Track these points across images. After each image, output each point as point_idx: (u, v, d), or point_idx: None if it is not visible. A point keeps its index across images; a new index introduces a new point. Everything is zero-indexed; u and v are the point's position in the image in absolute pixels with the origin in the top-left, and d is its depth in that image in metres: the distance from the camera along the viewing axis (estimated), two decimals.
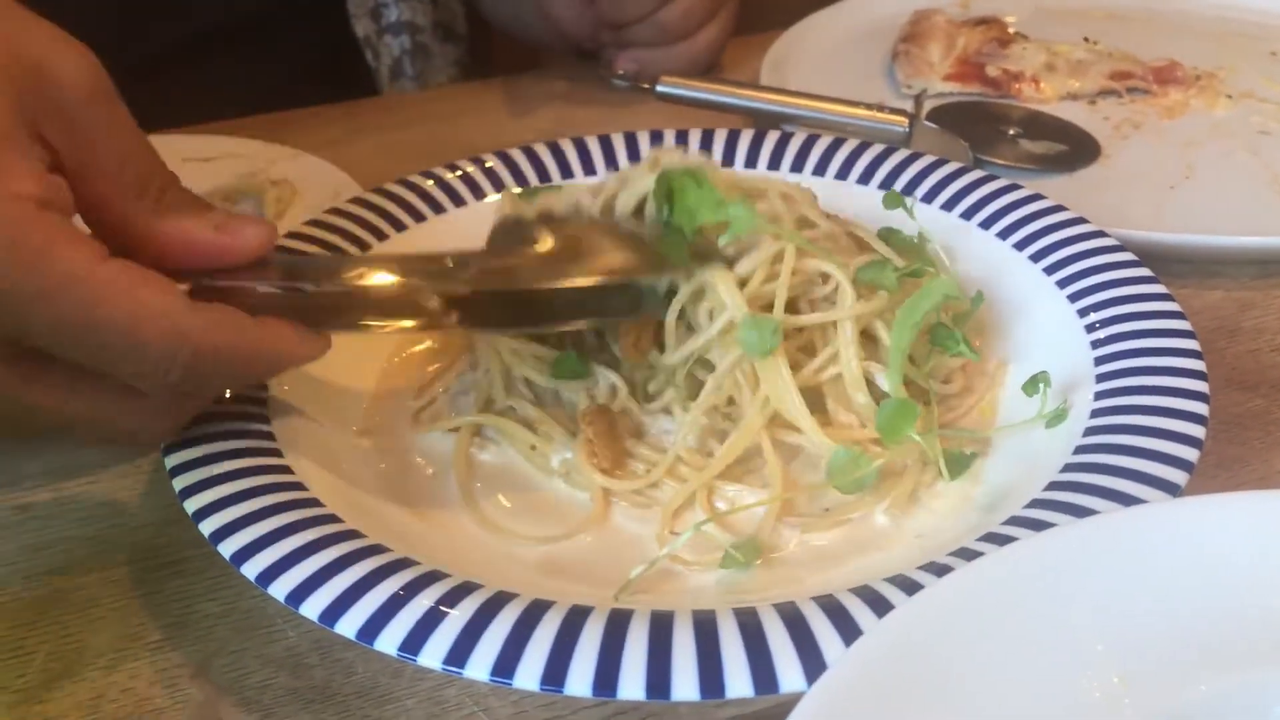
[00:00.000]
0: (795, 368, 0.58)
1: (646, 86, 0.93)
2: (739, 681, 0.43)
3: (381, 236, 0.71)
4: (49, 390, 0.51)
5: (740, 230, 0.58)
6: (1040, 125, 0.92)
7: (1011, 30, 1.07)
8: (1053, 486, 0.52)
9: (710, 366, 0.59)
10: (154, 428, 0.54)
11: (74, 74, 0.49)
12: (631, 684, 0.44)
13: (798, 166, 0.76)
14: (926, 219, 0.71)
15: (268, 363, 0.55)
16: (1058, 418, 0.57)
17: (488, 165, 0.77)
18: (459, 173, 0.76)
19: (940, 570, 0.47)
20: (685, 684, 0.43)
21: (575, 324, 0.60)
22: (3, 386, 0.50)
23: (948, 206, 0.71)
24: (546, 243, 0.60)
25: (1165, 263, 0.67)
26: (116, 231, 0.51)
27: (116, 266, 0.48)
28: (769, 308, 0.58)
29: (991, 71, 1.00)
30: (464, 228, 0.69)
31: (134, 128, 0.52)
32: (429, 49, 1.15)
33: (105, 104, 0.51)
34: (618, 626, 0.45)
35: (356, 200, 0.74)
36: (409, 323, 0.57)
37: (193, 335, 0.49)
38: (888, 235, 0.67)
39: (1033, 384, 0.59)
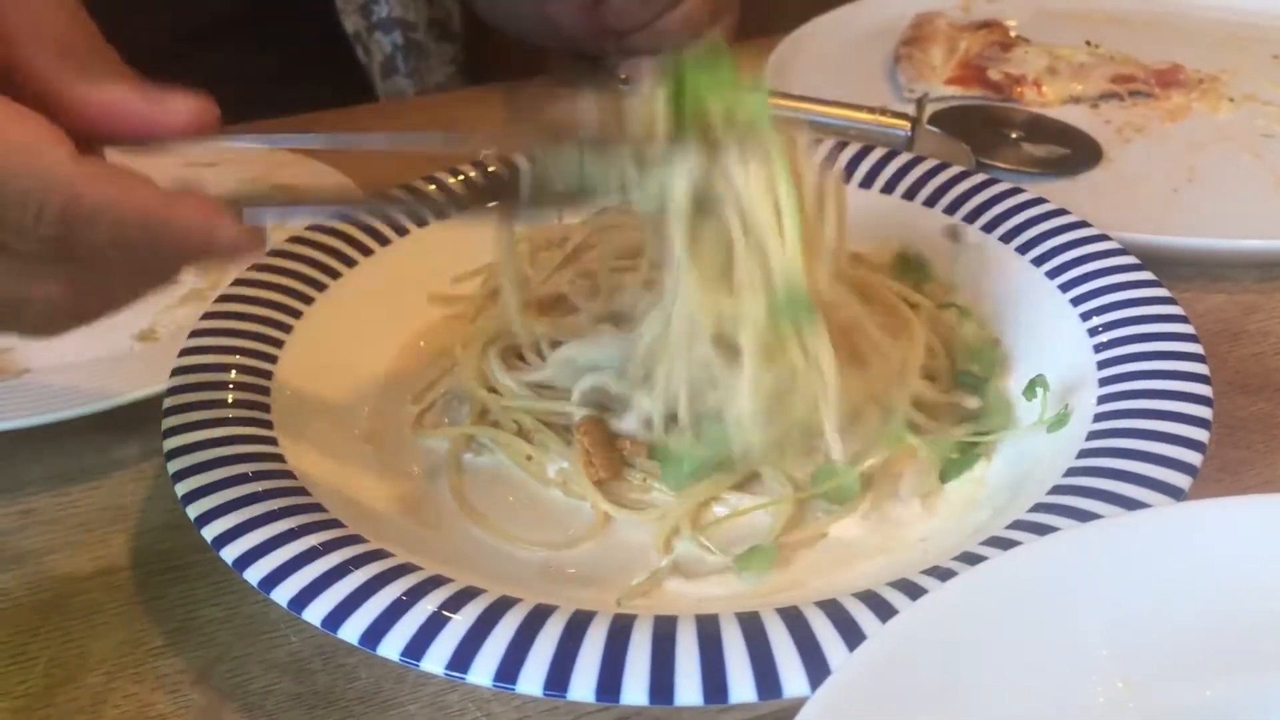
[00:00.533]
0: None
1: None
2: (743, 686, 0.43)
3: (384, 241, 0.71)
4: None
5: (752, 113, 0.54)
6: (1042, 129, 0.92)
7: (1013, 34, 1.07)
8: (1056, 490, 0.52)
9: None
10: (40, 298, 0.45)
11: None
12: (635, 689, 0.44)
13: None
14: (927, 223, 0.71)
15: (173, 238, 0.45)
16: (1059, 422, 0.56)
17: (490, 170, 0.76)
18: (461, 177, 0.76)
19: (944, 574, 0.47)
20: (689, 689, 0.43)
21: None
22: None
23: (950, 210, 0.71)
24: None
25: (1168, 266, 0.67)
26: (36, 96, 0.45)
27: None
28: None
29: (993, 75, 1.00)
30: (467, 232, 0.69)
31: None
32: (424, 47, 1.14)
33: None
34: (621, 631, 0.45)
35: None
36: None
37: (67, 180, 0.42)
38: (904, 266, 0.67)
39: (1031, 389, 0.59)
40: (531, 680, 0.44)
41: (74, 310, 0.47)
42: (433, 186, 0.74)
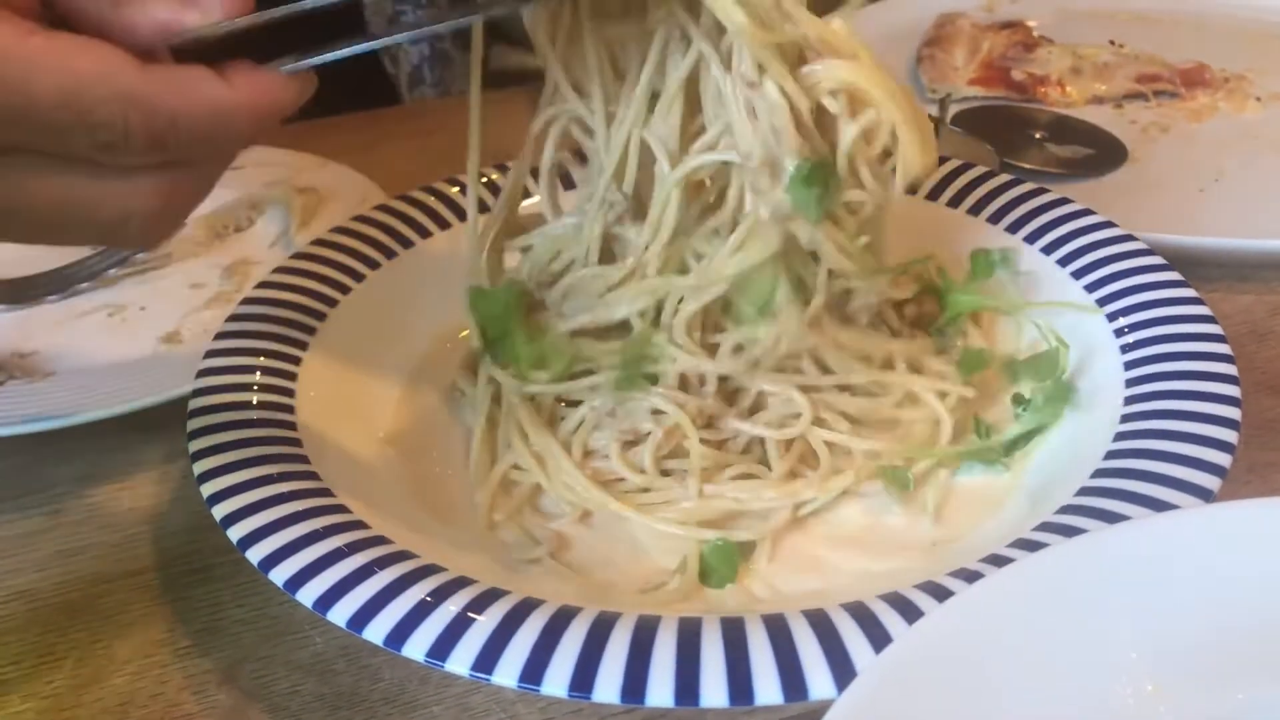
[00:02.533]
0: None
1: None
2: (768, 688, 0.43)
3: (407, 244, 0.71)
4: (30, 187, 0.46)
5: None
6: (1066, 129, 0.92)
7: (1036, 34, 1.06)
8: (1083, 492, 0.51)
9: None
10: (142, 210, 0.48)
11: None
12: (660, 690, 0.43)
13: None
14: (952, 224, 0.70)
15: (247, 117, 0.48)
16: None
17: None
18: (485, 180, 0.76)
19: (971, 576, 0.47)
20: (714, 690, 0.43)
21: None
22: None
23: (974, 211, 0.71)
24: None
25: (1195, 266, 0.66)
26: (90, 26, 0.47)
27: (44, 37, 0.44)
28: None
29: (1017, 75, 0.99)
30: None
31: None
32: (450, 56, 1.15)
33: None
34: (645, 633, 0.45)
35: (382, 207, 0.74)
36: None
37: (141, 95, 0.45)
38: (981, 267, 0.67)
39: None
40: (556, 682, 0.44)
41: (170, 213, 0.49)
42: (456, 189, 0.74)
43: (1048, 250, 0.67)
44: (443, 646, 0.45)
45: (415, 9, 1.11)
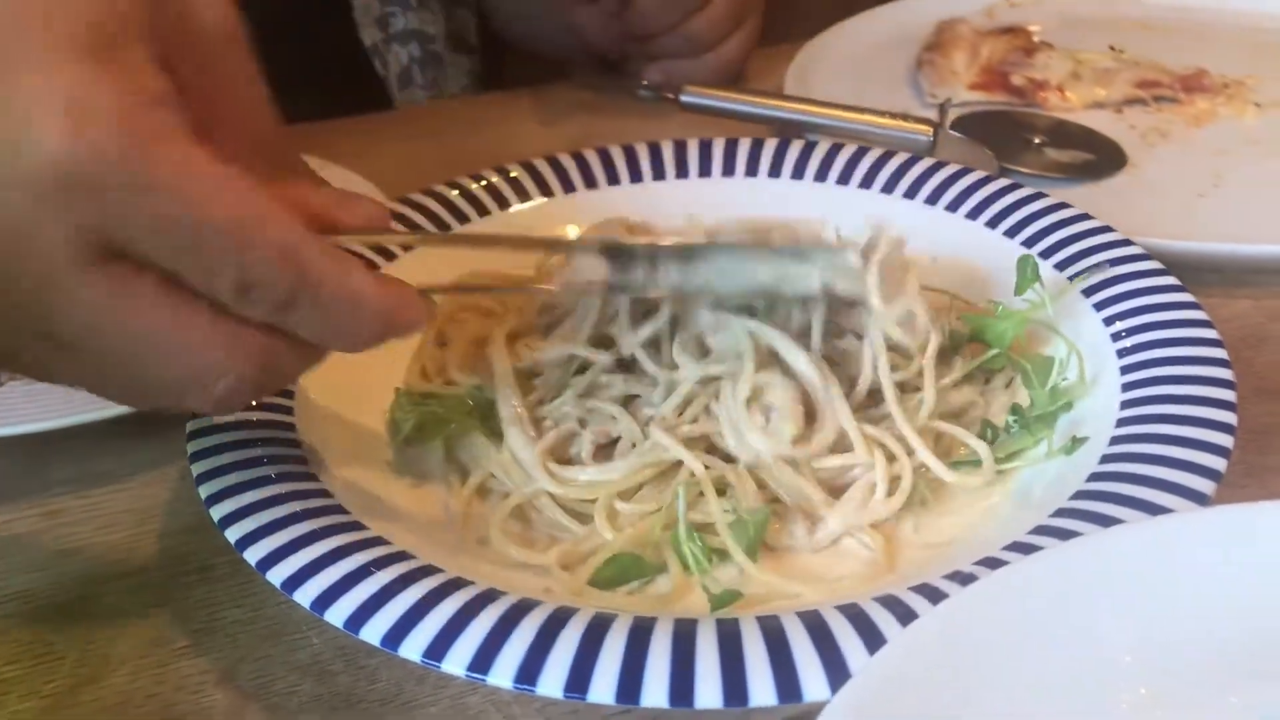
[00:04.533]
0: None
1: (671, 97, 0.93)
2: (763, 689, 0.43)
3: (406, 246, 0.71)
4: (141, 305, 0.43)
5: None
6: (1066, 134, 0.92)
7: (1036, 39, 1.06)
8: (1079, 495, 0.51)
9: None
10: (239, 368, 0.46)
11: (216, 14, 0.47)
12: (655, 692, 0.44)
13: (821, 176, 0.76)
14: (950, 227, 0.70)
15: (376, 314, 0.48)
16: (1075, 445, 0.56)
17: (512, 175, 0.77)
18: (484, 183, 0.76)
19: (965, 579, 0.47)
20: (709, 692, 0.43)
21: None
22: (91, 294, 0.43)
23: (973, 215, 0.71)
24: None
25: (1193, 271, 0.66)
26: None
27: (236, 168, 0.43)
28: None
29: (1017, 80, 1.00)
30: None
31: (262, 83, 0.49)
32: (441, 58, 1.15)
33: (240, 51, 0.48)
34: (641, 634, 0.45)
35: None
36: None
37: (305, 251, 0.44)
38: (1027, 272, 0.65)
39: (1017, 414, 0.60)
40: (552, 682, 0.44)
41: (256, 381, 0.47)
42: (455, 193, 0.74)
43: (1045, 255, 0.67)
44: (439, 647, 0.45)
45: (404, 10, 1.11)
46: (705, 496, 0.55)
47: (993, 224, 0.70)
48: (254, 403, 0.58)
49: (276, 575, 0.49)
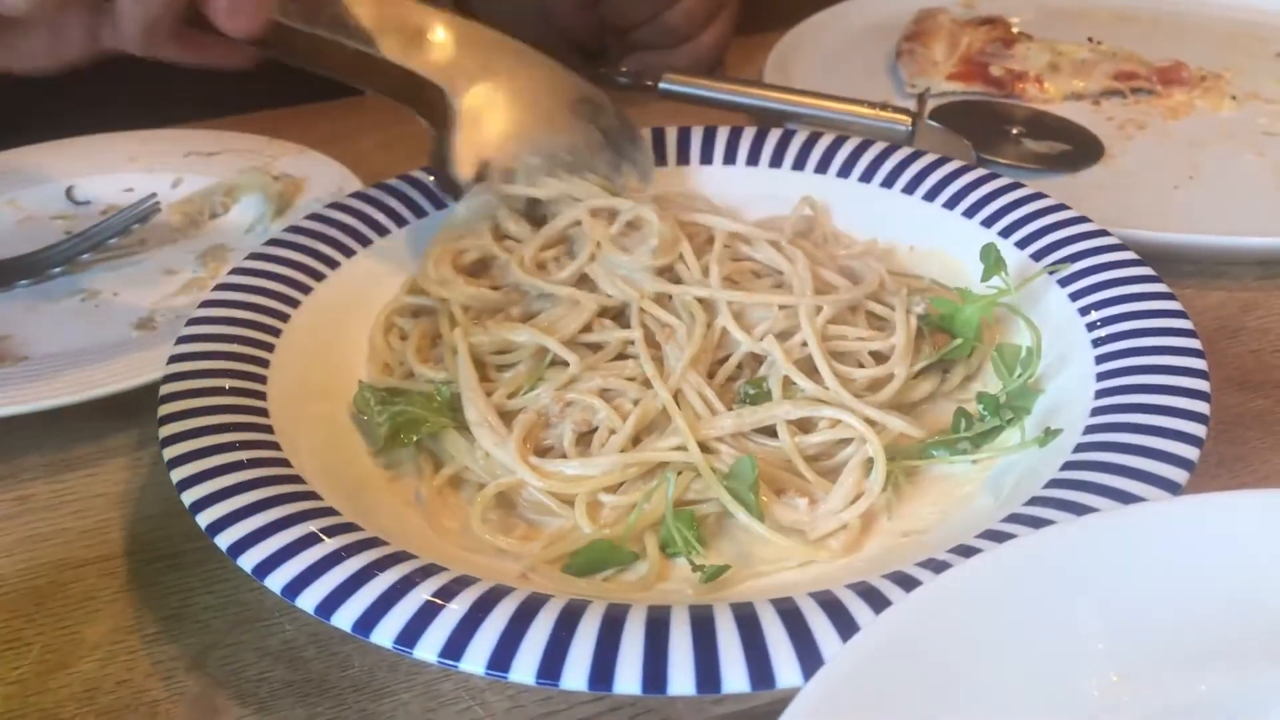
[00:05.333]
0: None
1: (650, 85, 0.93)
2: (735, 676, 0.43)
3: (382, 231, 0.71)
4: None
5: None
6: (1044, 125, 0.92)
7: (1015, 30, 1.07)
8: (1053, 484, 0.51)
9: None
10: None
11: None
12: (628, 679, 0.43)
13: (800, 164, 0.76)
14: (928, 217, 0.71)
15: None
16: (1050, 437, 0.56)
17: None
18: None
19: (938, 566, 0.47)
20: (682, 679, 0.43)
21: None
22: None
23: (950, 205, 0.71)
24: None
25: (1168, 263, 0.67)
26: None
27: None
28: None
29: (995, 71, 1.00)
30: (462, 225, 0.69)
31: None
32: None
33: None
34: (614, 621, 0.45)
35: (358, 195, 0.74)
36: None
37: None
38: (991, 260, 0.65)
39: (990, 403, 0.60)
40: (524, 669, 0.44)
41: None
42: (432, 178, 0.74)
43: (1022, 245, 0.67)
44: (411, 633, 0.45)
45: None
46: (700, 475, 0.56)
47: (970, 213, 0.70)
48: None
49: (248, 561, 0.48)
